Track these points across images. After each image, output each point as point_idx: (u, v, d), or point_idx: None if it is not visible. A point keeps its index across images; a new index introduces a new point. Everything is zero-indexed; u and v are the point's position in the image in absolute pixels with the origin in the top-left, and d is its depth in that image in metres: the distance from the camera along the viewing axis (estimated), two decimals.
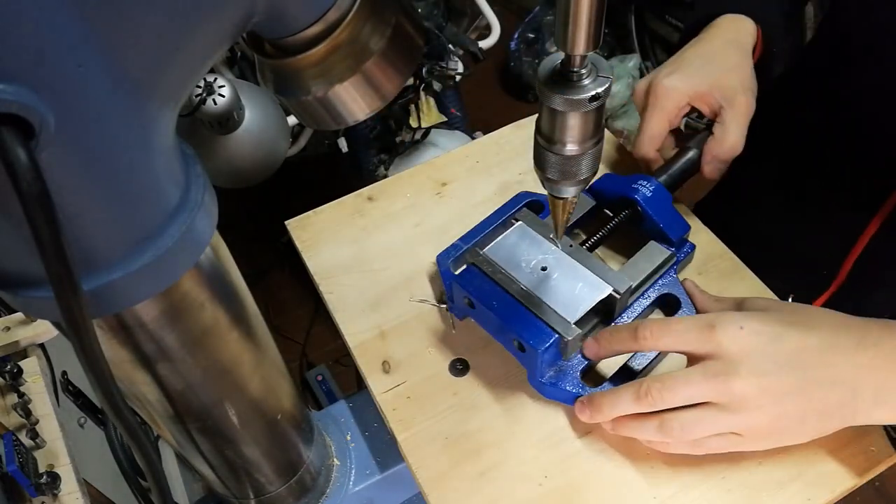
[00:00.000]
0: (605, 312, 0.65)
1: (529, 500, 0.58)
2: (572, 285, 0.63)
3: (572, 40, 0.43)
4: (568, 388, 0.62)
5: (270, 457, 0.56)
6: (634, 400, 0.55)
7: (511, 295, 0.62)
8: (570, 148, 0.50)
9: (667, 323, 0.57)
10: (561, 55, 0.46)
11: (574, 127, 0.49)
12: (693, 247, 0.71)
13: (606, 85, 0.46)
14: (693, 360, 0.55)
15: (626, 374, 0.63)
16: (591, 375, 0.65)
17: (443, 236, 0.75)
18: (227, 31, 0.33)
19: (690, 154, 0.73)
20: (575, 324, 0.60)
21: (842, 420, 0.53)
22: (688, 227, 0.70)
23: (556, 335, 0.60)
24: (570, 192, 0.55)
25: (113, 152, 0.30)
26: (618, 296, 0.63)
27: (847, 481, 0.57)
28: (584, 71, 0.46)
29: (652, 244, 0.69)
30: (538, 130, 0.52)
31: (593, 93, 0.46)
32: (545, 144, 0.51)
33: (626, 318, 0.66)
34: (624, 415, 0.57)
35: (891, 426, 0.58)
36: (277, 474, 0.59)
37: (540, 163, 0.53)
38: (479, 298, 0.62)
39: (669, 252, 0.68)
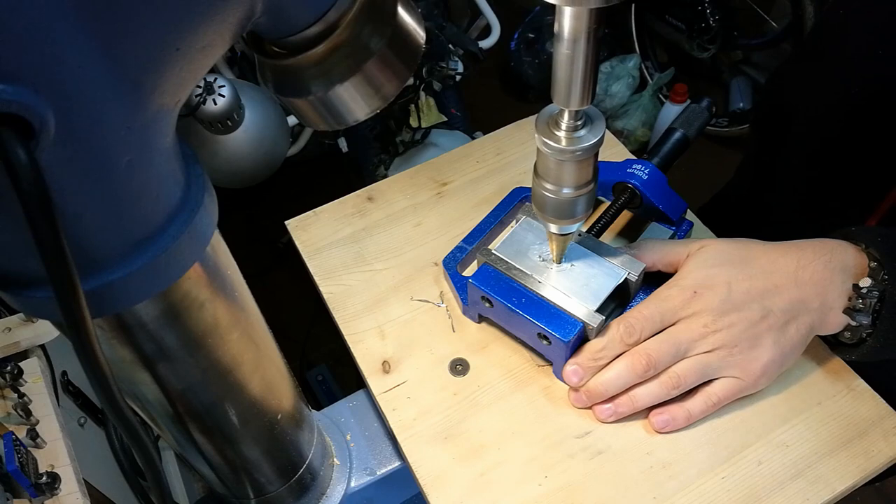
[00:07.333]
0: (620, 296, 0.66)
1: (529, 500, 0.58)
2: (588, 273, 0.64)
3: (568, 97, 0.47)
4: None
5: (270, 457, 0.56)
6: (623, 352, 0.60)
7: (529, 289, 0.63)
8: (567, 192, 0.54)
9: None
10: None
11: (571, 173, 0.53)
12: (691, 224, 0.72)
13: (600, 136, 0.50)
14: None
15: None
16: None
17: (443, 236, 0.75)
18: (227, 32, 0.33)
19: (677, 135, 0.73)
20: (596, 311, 0.61)
21: (806, 329, 0.58)
22: (685, 206, 0.71)
23: (581, 324, 0.60)
24: (568, 229, 0.59)
25: (113, 152, 0.30)
26: (634, 279, 0.64)
27: (847, 481, 0.57)
28: (579, 123, 0.50)
29: (654, 225, 0.70)
30: (536, 174, 0.55)
31: (588, 143, 0.50)
32: (543, 188, 0.55)
33: (639, 300, 0.66)
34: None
35: (832, 336, 0.62)
36: (277, 474, 0.58)
37: (539, 204, 0.57)
38: (498, 296, 0.63)
39: (672, 231, 0.69)
